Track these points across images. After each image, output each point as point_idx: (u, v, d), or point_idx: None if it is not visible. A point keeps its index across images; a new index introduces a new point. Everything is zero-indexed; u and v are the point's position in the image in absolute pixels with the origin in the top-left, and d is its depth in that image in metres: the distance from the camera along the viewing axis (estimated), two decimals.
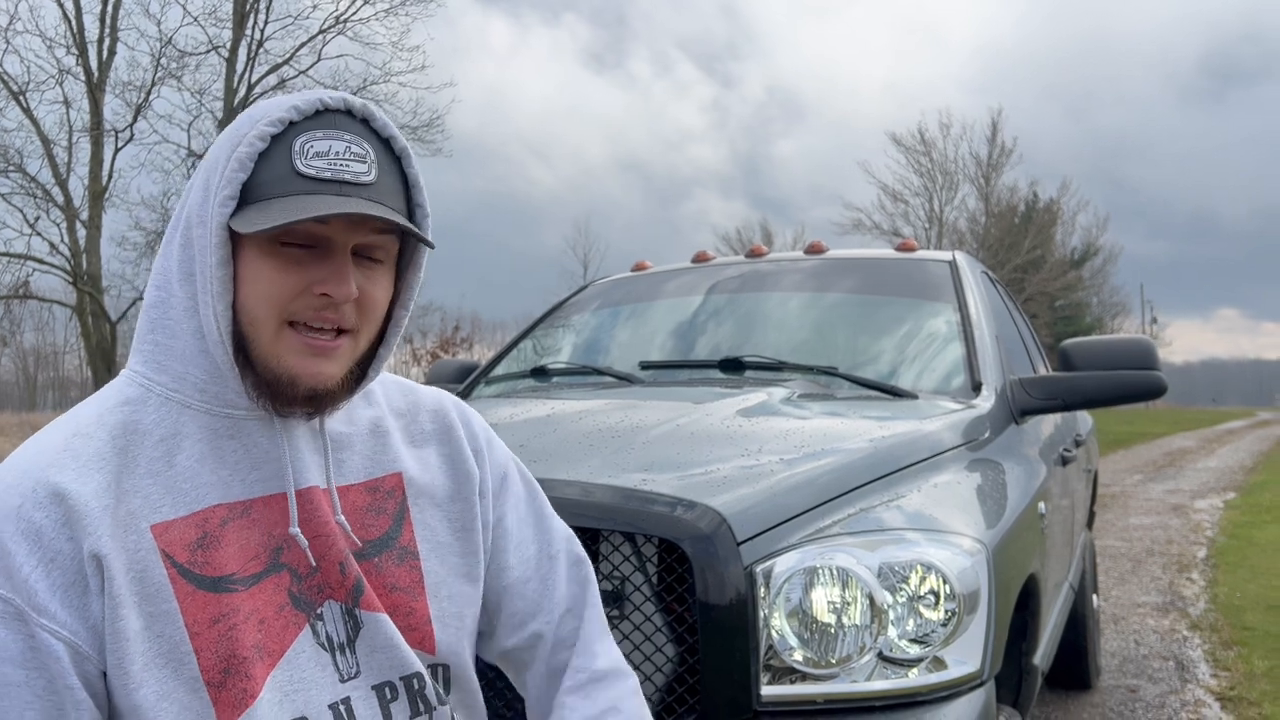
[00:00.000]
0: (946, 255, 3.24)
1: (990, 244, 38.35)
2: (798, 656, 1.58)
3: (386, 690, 1.06)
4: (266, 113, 0.97)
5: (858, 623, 1.59)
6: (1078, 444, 3.76)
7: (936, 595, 1.63)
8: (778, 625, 1.58)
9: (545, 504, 1.28)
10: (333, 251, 0.97)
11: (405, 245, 1.08)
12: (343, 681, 1.04)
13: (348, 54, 19.91)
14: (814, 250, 3.40)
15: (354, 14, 19.31)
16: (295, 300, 0.97)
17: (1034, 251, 37.91)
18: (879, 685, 1.58)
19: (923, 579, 1.63)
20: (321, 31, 19.30)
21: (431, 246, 1.06)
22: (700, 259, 3.59)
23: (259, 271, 0.96)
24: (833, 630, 1.59)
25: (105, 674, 0.94)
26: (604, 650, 1.22)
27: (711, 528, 1.58)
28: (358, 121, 0.99)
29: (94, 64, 17.93)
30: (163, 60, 18.26)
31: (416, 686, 1.08)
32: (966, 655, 1.64)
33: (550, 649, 1.21)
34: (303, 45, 19.32)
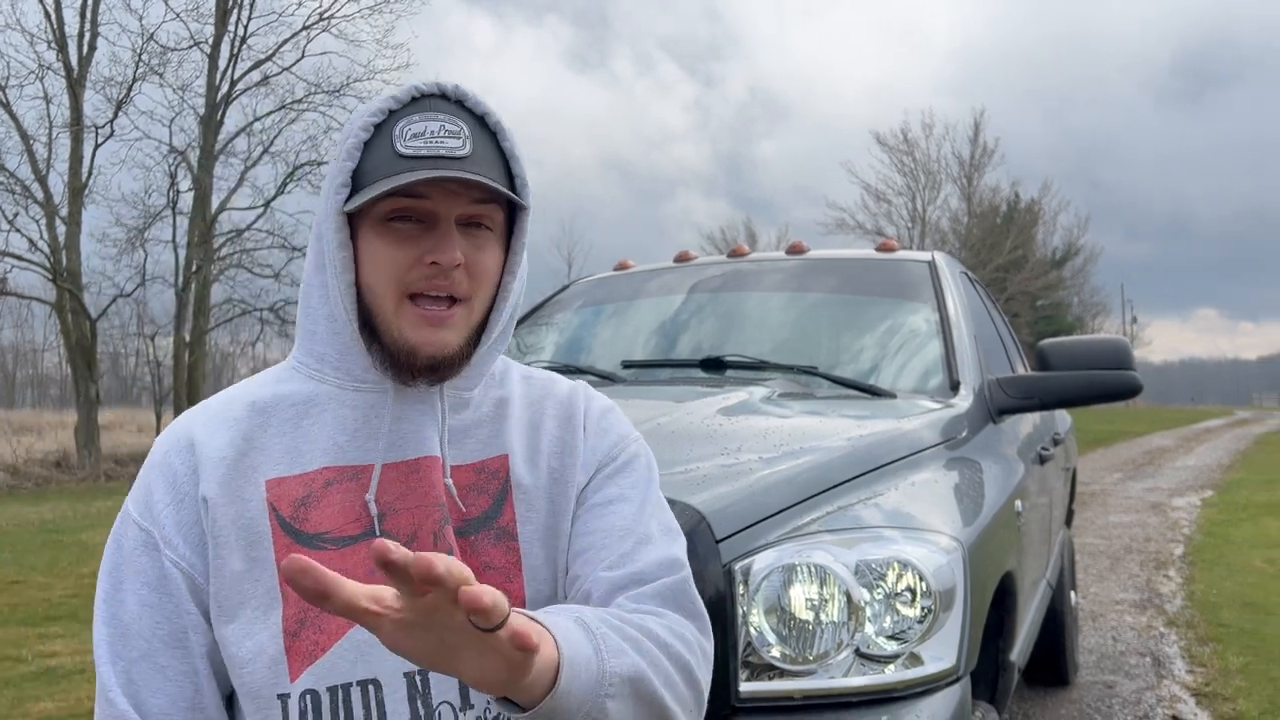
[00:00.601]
0: (926, 256, 3.26)
1: (972, 244, 38.55)
2: (776, 653, 1.59)
3: None
4: (369, 107, 1.07)
5: (835, 619, 1.61)
6: (1056, 443, 3.80)
7: (913, 592, 1.65)
8: (756, 622, 1.60)
9: (660, 514, 1.17)
10: (437, 223, 1.04)
11: (512, 217, 1.12)
12: None
13: (332, 51, 19.85)
14: (795, 250, 3.42)
15: (338, 11, 19.24)
16: (409, 272, 1.04)
17: (1016, 251, 38.13)
18: (856, 681, 1.60)
19: (899, 576, 1.65)
20: (305, 28, 19.21)
21: (526, 207, 1.10)
22: (682, 258, 3.60)
23: (374, 249, 1.05)
24: (810, 627, 1.61)
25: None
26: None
27: (690, 526, 1.59)
28: (452, 103, 1.07)
29: (74, 59, 17.79)
30: (144, 56, 18.14)
31: None
32: (942, 651, 1.66)
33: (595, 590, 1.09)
34: (286, 41, 19.23)
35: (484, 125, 1.08)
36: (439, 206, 1.04)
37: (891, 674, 1.62)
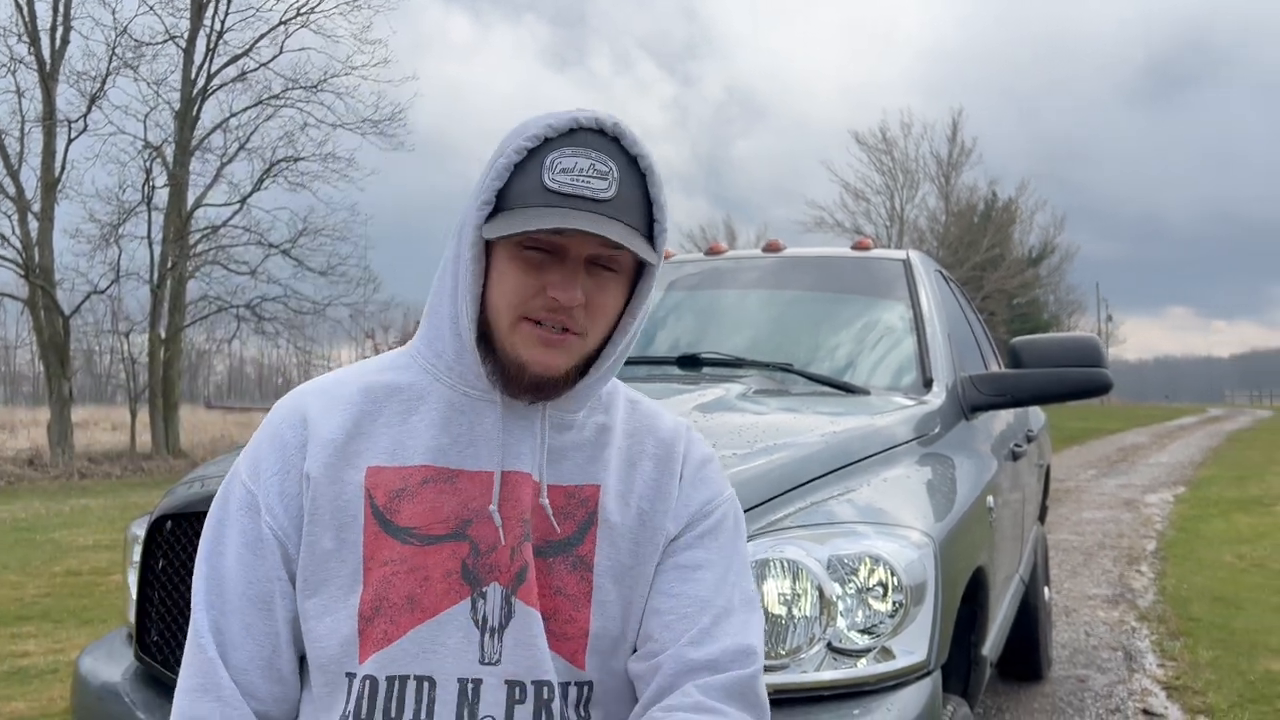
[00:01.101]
0: (900, 254, 3.29)
1: (950, 242, 38.78)
2: None
3: (517, 690, 1.09)
4: (526, 128, 1.07)
5: (807, 614, 1.62)
6: (1029, 439, 3.84)
7: (885, 587, 1.66)
8: None
9: (743, 582, 1.21)
10: (567, 259, 1.07)
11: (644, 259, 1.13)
12: (482, 663, 1.08)
13: (309, 47, 19.69)
14: (771, 248, 3.44)
15: (316, 6, 19.09)
16: (531, 300, 1.07)
17: (993, 250, 38.39)
18: (828, 675, 1.61)
19: (871, 571, 1.67)
20: (283, 23, 19.05)
21: (654, 264, 1.12)
22: None
23: (504, 271, 1.08)
24: (783, 621, 1.62)
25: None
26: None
27: None
28: (608, 139, 1.08)
29: (47, 53, 17.57)
30: (118, 50, 17.93)
31: (545, 696, 1.10)
32: (913, 645, 1.68)
33: (660, 680, 1.13)
34: (263, 37, 19.05)
35: (635, 167, 1.09)
36: (571, 245, 1.06)
37: (863, 668, 1.63)
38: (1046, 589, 4.54)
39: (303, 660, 1.16)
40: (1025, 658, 4.22)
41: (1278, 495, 10.92)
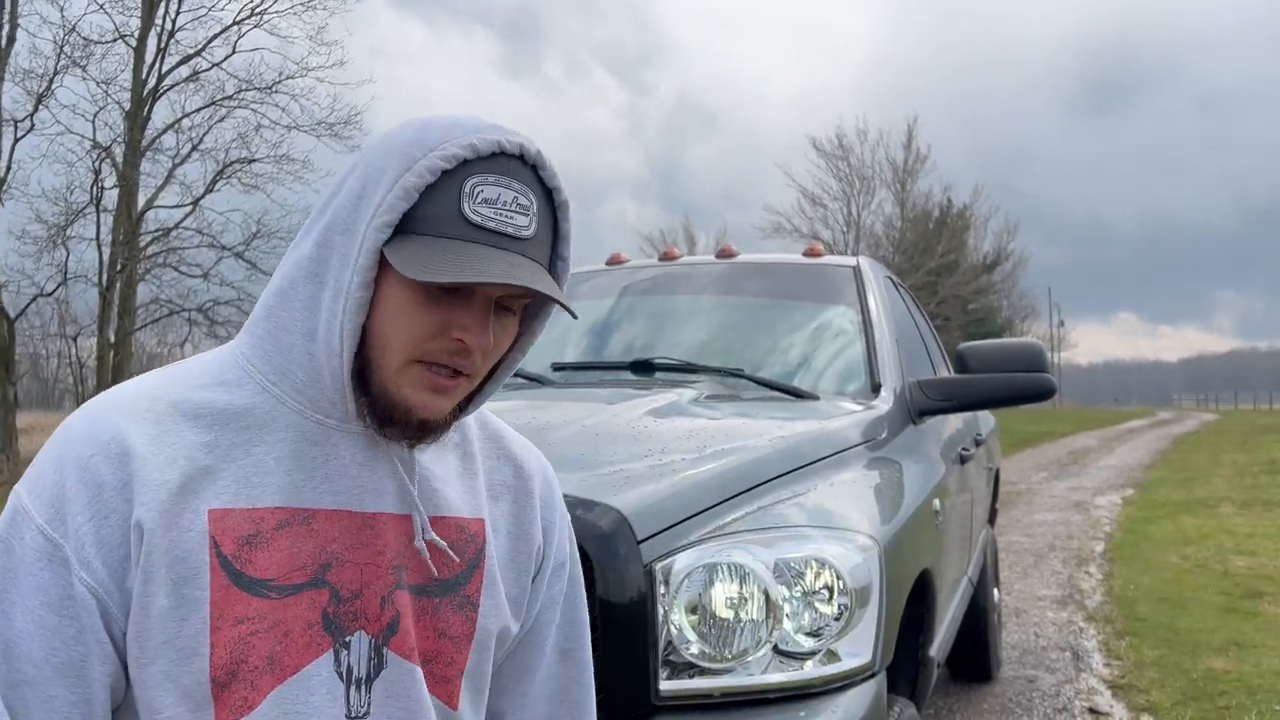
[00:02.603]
0: (851, 260, 3.33)
1: (906, 248, 39.23)
2: (695, 651, 1.62)
3: None
4: (441, 143, 0.95)
5: (754, 617, 1.64)
6: (978, 443, 3.89)
7: (830, 590, 1.68)
8: (677, 621, 1.62)
9: (583, 624, 1.23)
10: (475, 299, 0.97)
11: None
12: (349, 718, 0.99)
13: (264, 47, 19.45)
14: (725, 255, 3.46)
15: (270, 7, 18.89)
16: (431, 340, 0.96)
17: (948, 256, 38.89)
18: (774, 678, 1.63)
19: (817, 574, 1.68)
20: (236, 23, 18.82)
21: (575, 316, 1.05)
22: (614, 261, 3.62)
23: (399, 302, 0.95)
24: (730, 625, 1.63)
25: (126, 638, 0.95)
26: None
27: (612, 527, 1.61)
28: (528, 168, 0.98)
29: None
30: (66, 48, 17.61)
31: None
32: (858, 648, 1.70)
33: None
34: (216, 36, 18.81)
35: (550, 200, 1.01)
36: (484, 288, 0.96)
37: (809, 670, 1.65)
38: (996, 591, 4.61)
39: None
40: (975, 659, 4.28)
41: (1222, 497, 11.18)
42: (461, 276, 0.91)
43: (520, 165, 0.98)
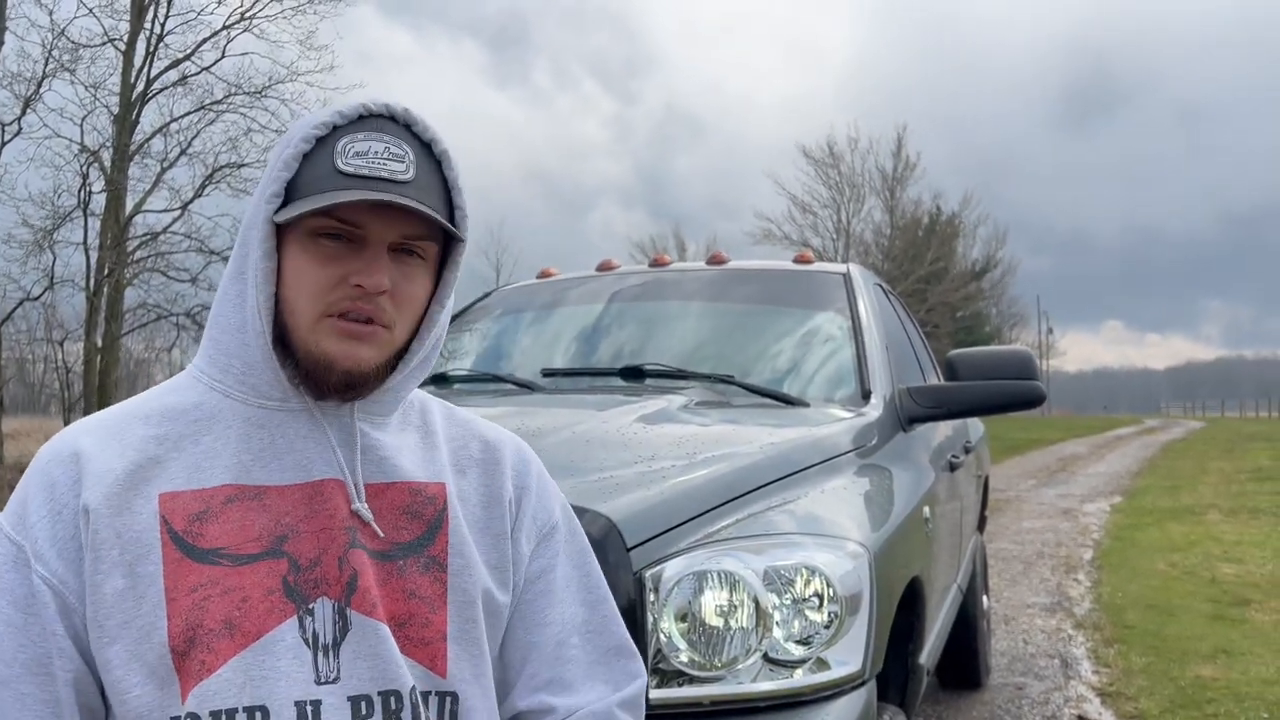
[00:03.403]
0: (841, 268, 3.33)
1: (895, 255, 39.32)
2: (685, 659, 1.61)
3: (362, 705, 1.01)
4: (313, 118, 1.03)
5: (744, 625, 1.63)
6: (968, 450, 3.90)
7: (820, 598, 1.68)
8: (666, 629, 1.61)
9: (600, 580, 1.23)
10: (368, 245, 1.01)
11: (447, 246, 1.10)
12: (319, 684, 1.00)
13: (253, 52, 19.39)
14: (715, 261, 3.46)
15: (259, 11, 18.85)
16: (332, 291, 1.01)
17: (937, 263, 39.00)
18: (764, 686, 1.62)
19: (807, 582, 1.68)
20: (225, 27, 18.77)
21: (462, 240, 1.08)
22: (605, 267, 3.62)
23: (299, 264, 1.02)
24: (720, 633, 1.62)
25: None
26: None
27: (601, 533, 1.60)
28: (399, 125, 1.04)
29: None
30: (55, 52, 17.53)
31: (394, 706, 1.03)
32: (848, 656, 1.69)
33: None
34: (205, 41, 18.74)
35: (429, 152, 1.05)
36: (371, 231, 1.01)
37: (799, 679, 1.64)
38: (985, 598, 4.61)
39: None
40: (964, 666, 4.28)
41: (1209, 504, 11.22)
42: (317, 203, 0.98)
43: (390, 122, 1.04)
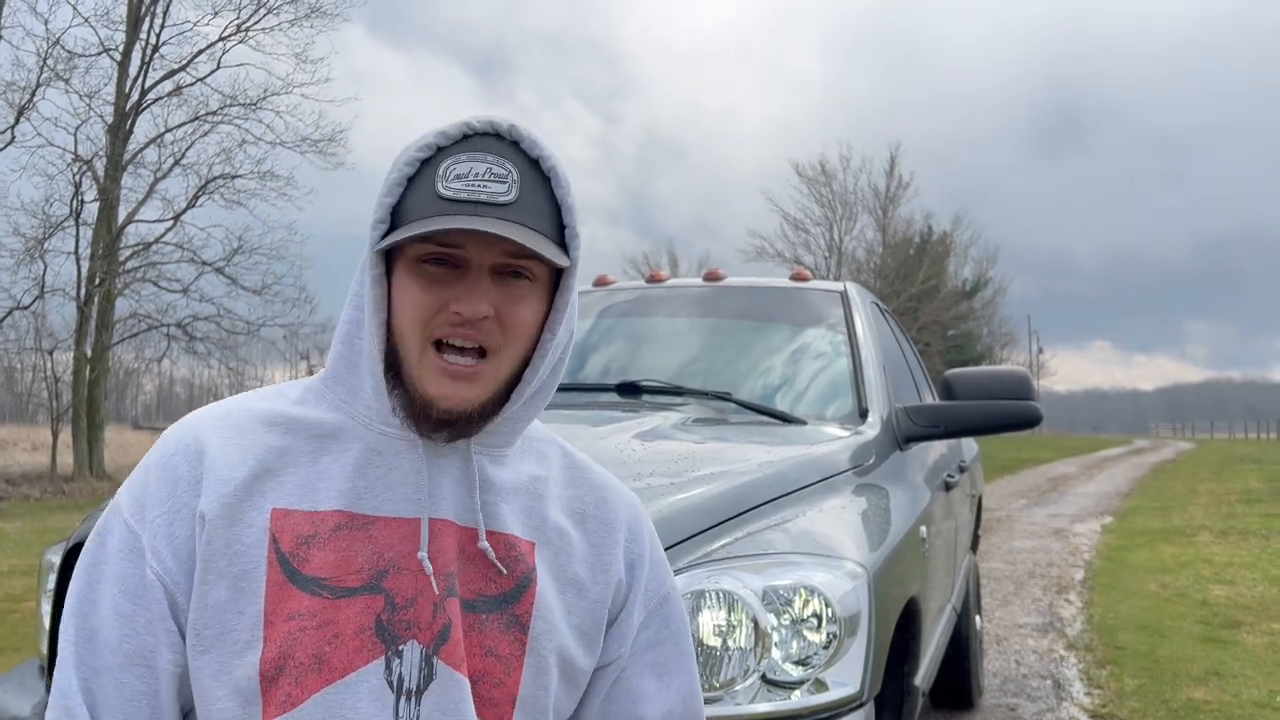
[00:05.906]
0: (838, 286, 3.33)
1: (887, 274, 39.45)
2: None
3: None
4: (417, 140, 1.01)
5: (742, 645, 1.61)
6: (962, 470, 3.89)
7: (819, 618, 1.66)
8: None
9: (691, 655, 1.20)
10: (469, 270, 0.99)
11: (560, 268, 1.05)
12: None
13: (248, 63, 19.41)
14: (712, 277, 3.45)
15: (255, 24, 18.87)
16: (435, 318, 0.99)
17: (928, 282, 39.13)
18: (762, 708, 1.61)
19: (806, 602, 1.66)
20: (221, 39, 18.79)
21: (563, 266, 1.02)
22: (601, 283, 3.61)
23: (404, 290, 1.00)
24: (717, 653, 1.61)
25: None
26: None
27: None
28: (506, 143, 1.00)
29: None
30: (49, 61, 17.52)
31: None
32: (847, 677, 1.68)
33: None
34: (201, 52, 18.76)
35: (538, 169, 1.01)
36: (471, 254, 0.98)
37: (797, 700, 1.63)
38: (978, 618, 4.60)
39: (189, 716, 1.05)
40: (957, 686, 4.26)
41: (1200, 526, 11.23)
42: (409, 232, 0.96)
43: (495, 140, 1.00)
